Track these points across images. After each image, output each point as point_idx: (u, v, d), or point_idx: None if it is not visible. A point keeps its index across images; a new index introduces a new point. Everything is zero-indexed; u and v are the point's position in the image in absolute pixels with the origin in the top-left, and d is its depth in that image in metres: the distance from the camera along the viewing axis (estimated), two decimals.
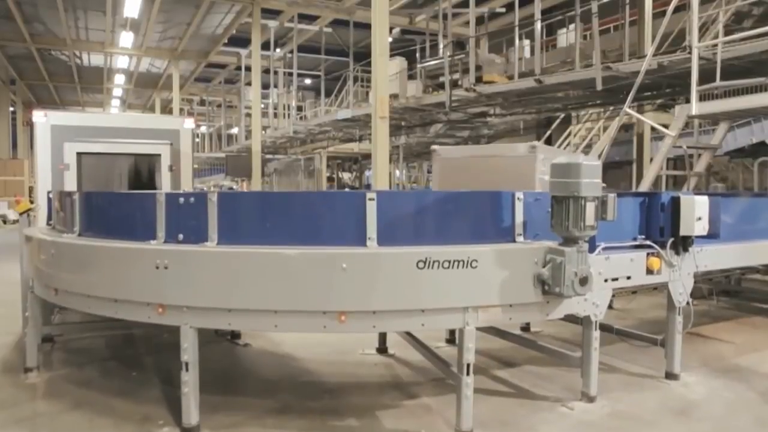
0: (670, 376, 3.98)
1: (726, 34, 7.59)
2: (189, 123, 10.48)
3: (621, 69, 8.53)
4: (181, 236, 3.20)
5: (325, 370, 4.18)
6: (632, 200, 3.79)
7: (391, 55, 9.88)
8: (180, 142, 10.28)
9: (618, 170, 19.73)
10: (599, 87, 8.47)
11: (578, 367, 3.65)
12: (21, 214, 4.67)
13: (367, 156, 20.25)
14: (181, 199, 3.20)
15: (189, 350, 3.03)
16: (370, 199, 3.03)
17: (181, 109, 26.90)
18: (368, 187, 23.65)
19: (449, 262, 2.92)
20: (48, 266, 3.58)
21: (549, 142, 17.79)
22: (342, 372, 4.17)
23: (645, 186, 6.45)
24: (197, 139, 33.26)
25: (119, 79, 23.54)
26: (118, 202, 3.50)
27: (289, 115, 21.67)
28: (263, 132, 18.87)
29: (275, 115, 22.54)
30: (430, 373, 4.00)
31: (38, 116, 9.58)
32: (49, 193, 4.63)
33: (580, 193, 2.93)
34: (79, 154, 9.07)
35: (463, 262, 2.93)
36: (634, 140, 14.71)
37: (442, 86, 11.53)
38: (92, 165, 9.22)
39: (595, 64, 8.61)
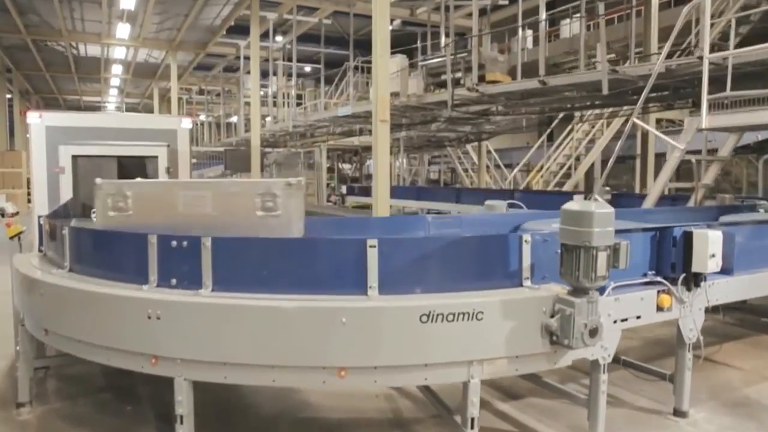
0: (678, 413, 3.88)
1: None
2: (186, 123, 10.31)
3: (627, 72, 8.34)
4: (174, 281, 3.08)
5: (325, 403, 4.08)
6: (643, 235, 3.66)
7: (392, 45, 9.42)
8: (177, 142, 10.13)
9: (621, 164, 19.58)
10: (605, 91, 8.28)
11: (584, 407, 3.55)
12: (11, 238, 4.52)
13: (368, 148, 20.08)
14: (174, 243, 3.07)
15: (183, 403, 2.93)
16: (371, 247, 2.90)
17: (180, 98, 26.66)
18: (369, 177, 23.50)
19: (453, 314, 2.79)
20: (37, 306, 3.47)
21: (551, 138, 17.65)
22: (342, 406, 4.07)
23: (650, 201, 6.29)
24: (197, 124, 33.07)
25: (117, 69, 23.27)
26: (108, 242, 3.36)
27: (288, 103, 21.48)
28: (262, 121, 18.66)
29: (274, 104, 22.33)
30: (431, 408, 3.90)
31: (33, 117, 9.40)
32: (40, 218, 4.47)
33: (592, 243, 2.80)
34: (74, 156, 8.92)
35: (468, 314, 2.81)
36: (638, 135, 14.55)
37: (443, 84, 11.32)
38: (88, 168, 9.05)
39: (602, 68, 8.41)
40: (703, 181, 6.64)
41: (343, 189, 18.62)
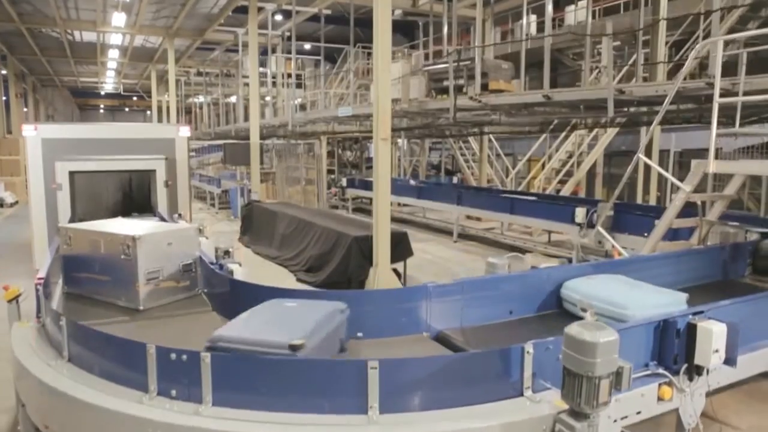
0: None
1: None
2: (184, 131, 10.18)
3: (634, 92, 8.19)
4: (174, 392, 3.07)
5: None
6: (645, 327, 3.63)
7: (393, 30, 8.85)
8: (175, 151, 10.03)
9: (624, 157, 19.44)
10: (611, 113, 8.15)
11: None
12: (9, 301, 4.48)
13: (368, 137, 19.89)
14: (173, 355, 3.05)
15: None
16: (372, 368, 2.88)
17: (178, 80, 26.31)
18: (369, 160, 23.35)
19: None
20: (37, 401, 3.46)
21: (553, 130, 17.44)
22: None
23: (651, 244, 6.21)
24: (196, 101, 32.63)
25: (113, 53, 22.87)
26: (108, 345, 3.33)
27: (288, 84, 21.23)
28: (262, 101, 18.40)
29: (273, 84, 22.06)
30: None
31: (28, 130, 9.28)
32: (37, 284, 4.43)
33: (595, 373, 2.77)
34: (71, 173, 8.82)
35: None
36: (642, 132, 14.38)
37: (445, 90, 11.12)
38: (85, 184, 8.97)
39: (608, 87, 8.25)
40: (708, 217, 6.58)
41: (344, 181, 18.52)
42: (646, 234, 8.67)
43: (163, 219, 8.38)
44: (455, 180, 22.93)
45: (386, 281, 8.54)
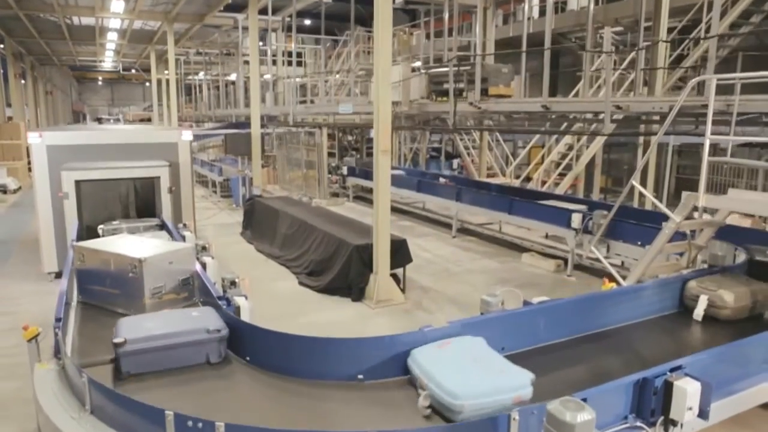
0: None
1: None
2: (187, 135, 10.34)
3: (632, 108, 8.32)
4: None
5: None
6: (626, 385, 3.89)
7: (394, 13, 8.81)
8: (178, 155, 10.21)
9: (623, 147, 19.51)
10: (608, 129, 8.28)
11: None
12: (29, 341, 4.72)
13: (369, 126, 19.94)
14: (189, 423, 3.31)
15: None
16: None
17: (177, 59, 26.15)
18: (370, 141, 23.39)
19: None
20: None
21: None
22: None
23: (640, 270, 6.43)
24: (196, 79, 32.36)
25: (112, 35, 22.70)
26: (129, 408, 3.59)
27: (290, 62, 21.08)
28: (262, 80, 18.29)
29: (273, 62, 21.98)
30: None
31: (33, 137, 9.44)
32: (56, 327, 4.67)
33: None
34: (77, 182, 9.03)
35: None
36: (642, 128, 14.44)
37: (445, 93, 11.20)
38: (91, 191, 9.18)
39: (605, 101, 8.36)
40: (697, 242, 6.79)
41: (344, 170, 18.63)
42: (640, 243, 8.91)
43: (165, 224, 8.61)
44: (455, 165, 23.04)
45: (386, 288, 8.83)
